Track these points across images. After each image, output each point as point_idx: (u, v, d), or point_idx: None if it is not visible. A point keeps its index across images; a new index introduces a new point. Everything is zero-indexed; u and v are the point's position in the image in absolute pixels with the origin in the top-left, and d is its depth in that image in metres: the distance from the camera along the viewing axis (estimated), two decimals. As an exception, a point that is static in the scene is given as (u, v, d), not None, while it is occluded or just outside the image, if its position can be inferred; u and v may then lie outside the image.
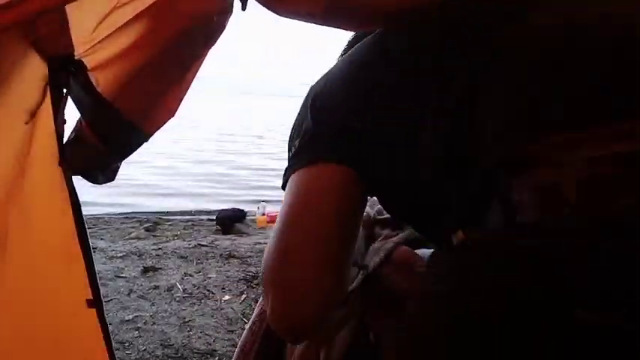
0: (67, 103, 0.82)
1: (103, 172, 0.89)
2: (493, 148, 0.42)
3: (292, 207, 0.59)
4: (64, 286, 0.92)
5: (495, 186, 0.42)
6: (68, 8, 0.73)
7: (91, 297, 0.92)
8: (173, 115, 0.93)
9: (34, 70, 0.77)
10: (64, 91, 0.79)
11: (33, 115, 0.77)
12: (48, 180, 0.84)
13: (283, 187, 0.63)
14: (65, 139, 0.83)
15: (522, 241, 0.39)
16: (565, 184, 0.37)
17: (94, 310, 0.94)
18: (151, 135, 0.92)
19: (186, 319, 2.29)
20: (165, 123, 0.93)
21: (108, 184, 0.94)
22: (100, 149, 0.86)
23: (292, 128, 0.65)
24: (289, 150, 0.64)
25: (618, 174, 0.35)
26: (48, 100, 0.78)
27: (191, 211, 5.14)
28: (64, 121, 0.81)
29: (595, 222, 0.36)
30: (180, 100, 0.92)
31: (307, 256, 0.57)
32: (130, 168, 6.16)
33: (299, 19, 0.67)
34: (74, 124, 0.87)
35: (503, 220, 0.41)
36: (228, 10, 0.86)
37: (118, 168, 0.94)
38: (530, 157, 0.39)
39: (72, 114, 0.84)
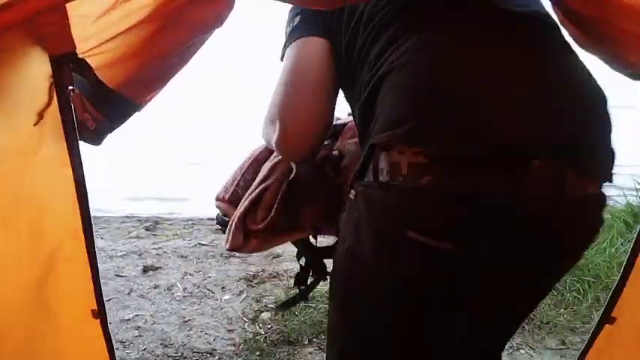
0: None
1: (102, 136, 0.99)
2: (374, 136, 0.70)
3: (292, 65, 0.87)
4: (69, 294, 0.92)
5: (372, 157, 0.70)
6: (68, 7, 0.73)
7: (95, 307, 0.93)
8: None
9: (38, 71, 0.77)
10: (70, 88, 0.80)
11: (42, 116, 0.77)
12: (56, 180, 0.84)
13: (281, 59, 0.89)
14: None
15: (380, 192, 0.69)
16: (402, 163, 0.66)
17: (97, 321, 0.94)
18: (144, 106, 1.01)
19: (187, 319, 2.29)
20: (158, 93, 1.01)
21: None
22: (103, 122, 0.93)
23: (287, 19, 0.91)
24: (285, 33, 0.90)
25: (426, 162, 0.64)
26: (54, 98, 0.79)
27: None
28: (72, 116, 0.82)
29: (414, 186, 0.65)
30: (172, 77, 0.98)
31: (305, 94, 0.86)
32: (128, 170, 6.13)
33: None
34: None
35: (372, 179, 0.70)
36: (225, 19, 0.88)
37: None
38: (389, 145, 0.67)
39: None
